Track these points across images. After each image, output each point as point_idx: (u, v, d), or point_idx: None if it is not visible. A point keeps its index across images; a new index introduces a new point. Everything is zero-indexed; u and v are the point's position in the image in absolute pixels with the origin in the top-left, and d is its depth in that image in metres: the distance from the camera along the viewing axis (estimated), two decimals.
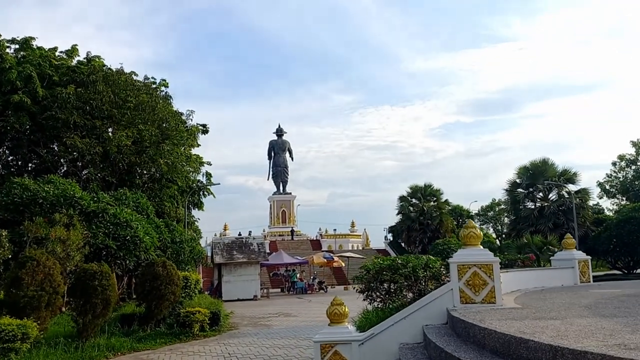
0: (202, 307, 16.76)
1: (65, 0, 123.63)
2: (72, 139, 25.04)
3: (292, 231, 69.85)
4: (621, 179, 63.29)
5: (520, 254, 40.19)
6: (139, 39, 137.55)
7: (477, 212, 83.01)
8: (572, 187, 44.94)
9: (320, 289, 39.00)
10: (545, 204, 44.08)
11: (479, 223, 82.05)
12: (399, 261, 10.47)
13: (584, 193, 44.82)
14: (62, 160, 29.31)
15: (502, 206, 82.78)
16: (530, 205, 46.07)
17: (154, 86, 30.84)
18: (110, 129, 27.47)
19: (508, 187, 47.05)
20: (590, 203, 46.22)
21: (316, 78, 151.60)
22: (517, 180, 46.26)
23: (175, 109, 30.56)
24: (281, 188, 78.06)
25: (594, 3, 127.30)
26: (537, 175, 44.75)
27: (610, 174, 63.98)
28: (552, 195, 45.32)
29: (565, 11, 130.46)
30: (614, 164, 63.56)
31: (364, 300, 11.87)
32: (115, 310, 21.54)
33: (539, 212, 43.78)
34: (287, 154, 79.23)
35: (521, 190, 45.78)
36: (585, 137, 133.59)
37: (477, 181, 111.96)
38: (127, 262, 21.41)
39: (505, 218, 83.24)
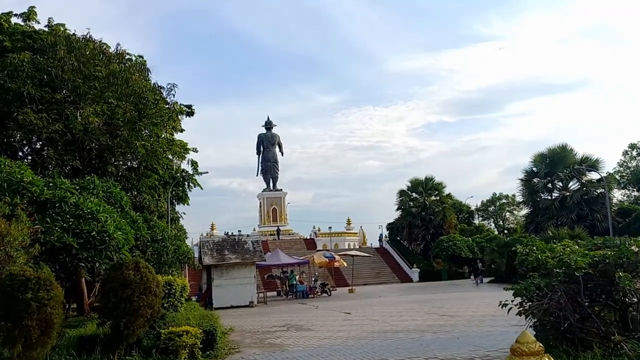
0: (192, 325, 12.25)
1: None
2: (25, 113, 20.22)
3: (278, 230, 64.69)
4: (632, 169, 59.63)
5: None
6: (119, 40, 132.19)
7: (476, 207, 79.03)
8: (593, 176, 41.25)
9: (323, 292, 34.48)
10: (567, 194, 40.10)
11: (479, 219, 78.16)
12: (636, 248, 5.87)
13: (605, 182, 41.01)
14: (19, 143, 24.44)
15: (504, 200, 79.27)
16: (547, 196, 42.09)
17: (127, 57, 26.04)
18: (74, 106, 22.59)
19: (524, 176, 43.02)
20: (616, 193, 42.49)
21: (299, 79, 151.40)
22: (534, 169, 42.25)
23: (153, 82, 25.79)
24: (271, 184, 73.22)
25: (572, 2, 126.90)
26: (556, 163, 40.79)
27: (622, 163, 60.28)
28: (573, 185, 41.35)
29: (543, 10, 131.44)
30: (625, 153, 59.93)
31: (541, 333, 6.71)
32: (75, 324, 16.97)
33: (560, 202, 39.79)
34: (277, 148, 74.46)
35: (539, 179, 41.67)
36: (569, 135, 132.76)
37: (461, 180, 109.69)
38: (98, 264, 16.71)
39: (508, 213, 79.61)
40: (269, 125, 74.37)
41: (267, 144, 73.52)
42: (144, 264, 11.63)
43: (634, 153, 59.60)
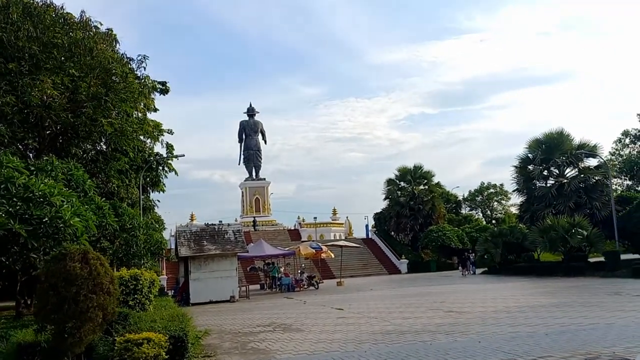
0: (158, 329, 9.93)
1: None
2: None
3: (254, 221, 61.89)
4: (625, 157, 58.22)
5: (543, 238, 34.55)
6: None
7: (463, 197, 77.57)
8: (590, 162, 39.59)
9: (310, 285, 32.29)
10: (565, 181, 38.27)
11: (467, 209, 76.68)
12: None
13: (605, 168, 39.41)
14: None
15: (492, 190, 77.84)
16: (542, 183, 40.25)
17: (94, 26, 23.33)
18: (30, 77, 19.93)
19: (518, 163, 41.06)
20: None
21: (281, 71, 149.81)
22: (529, 156, 40.24)
23: (122, 53, 23.17)
24: (254, 173, 70.68)
25: None
26: (553, 149, 38.85)
27: (614, 152, 58.87)
28: (570, 172, 39.52)
29: (525, 3, 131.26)
30: (619, 140, 58.51)
31: None
32: (30, 323, 14.56)
33: (557, 190, 37.93)
34: (260, 136, 71.81)
35: (535, 166, 39.73)
36: (552, 126, 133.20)
37: (443, 171, 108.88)
38: None
39: (496, 203, 78.25)
40: (251, 112, 71.67)
41: (250, 132, 70.88)
42: (93, 255, 9.26)
43: (627, 141, 58.22)
